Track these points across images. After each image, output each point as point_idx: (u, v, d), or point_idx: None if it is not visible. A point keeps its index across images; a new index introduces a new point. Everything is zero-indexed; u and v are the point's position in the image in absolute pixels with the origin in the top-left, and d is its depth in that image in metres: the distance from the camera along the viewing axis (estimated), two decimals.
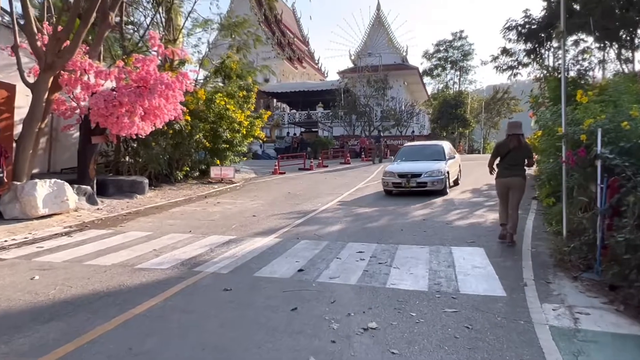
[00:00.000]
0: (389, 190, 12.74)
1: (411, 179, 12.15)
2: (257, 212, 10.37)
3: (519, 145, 6.94)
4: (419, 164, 12.91)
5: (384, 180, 12.76)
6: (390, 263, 5.86)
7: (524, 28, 19.57)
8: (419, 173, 12.26)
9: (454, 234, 7.71)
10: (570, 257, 5.68)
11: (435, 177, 12.11)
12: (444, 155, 13.43)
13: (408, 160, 13.63)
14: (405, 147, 15.69)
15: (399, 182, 12.32)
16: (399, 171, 12.61)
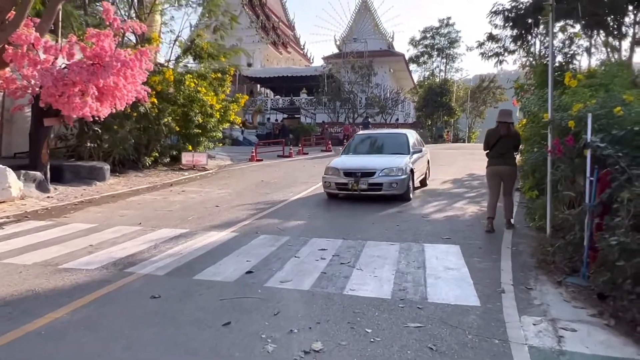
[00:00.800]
0: (332, 192, 9.80)
1: (361, 179, 9.15)
2: (221, 202, 9.63)
3: (509, 133, 6.77)
4: (373, 158, 10.09)
5: (325, 180, 9.76)
6: (354, 263, 5.19)
7: (510, 13, 18.91)
8: (371, 171, 9.27)
9: (429, 228, 7.07)
10: (554, 258, 5.07)
11: (394, 177, 9.14)
12: (408, 148, 10.36)
13: (360, 153, 10.83)
14: (359, 135, 12.32)
15: (345, 183, 9.32)
16: (345, 168, 9.54)
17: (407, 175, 9.31)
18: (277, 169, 16.74)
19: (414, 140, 11.26)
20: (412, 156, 10.09)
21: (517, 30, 20.54)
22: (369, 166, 9.47)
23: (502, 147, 6.83)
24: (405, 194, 9.32)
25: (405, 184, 9.23)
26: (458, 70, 49.23)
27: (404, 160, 9.67)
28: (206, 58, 16.08)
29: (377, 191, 9.17)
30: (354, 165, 9.68)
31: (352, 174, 9.35)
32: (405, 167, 9.42)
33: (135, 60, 9.84)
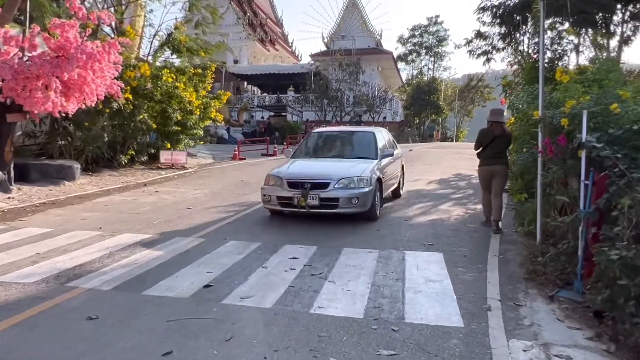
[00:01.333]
0: (273, 209, 7.54)
1: (310, 193, 6.88)
2: (195, 203, 9.08)
3: (504, 133, 6.71)
4: (330, 164, 7.90)
5: (264, 193, 7.45)
6: (326, 274, 4.71)
7: (498, 9, 18.56)
8: (325, 181, 7.01)
9: (411, 233, 6.61)
10: (545, 268, 4.63)
11: (355, 190, 6.94)
12: (376, 151, 8.18)
13: (315, 156, 8.64)
14: (316, 133, 9.75)
15: (289, 197, 7.03)
16: (290, 176, 7.28)
17: (373, 187, 7.12)
18: (259, 167, 16.17)
19: (385, 141, 9.16)
20: (380, 161, 8.01)
21: (505, 28, 20.22)
22: (322, 174, 7.22)
23: (496, 147, 6.72)
24: (370, 211, 7.17)
25: (370, 198, 7.05)
26: (446, 69, 49.17)
27: (369, 167, 7.47)
28: (184, 52, 15.45)
29: (331, 208, 6.97)
30: (302, 172, 7.45)
31: (298, 184, 7.02)
32: (371, 176, 7.23)
33: (103, 52, 9.24)
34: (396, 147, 9.96)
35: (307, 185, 6.97)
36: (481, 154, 6.94)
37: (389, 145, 9.33)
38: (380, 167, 7.84)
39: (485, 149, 6.83)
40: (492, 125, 6.79)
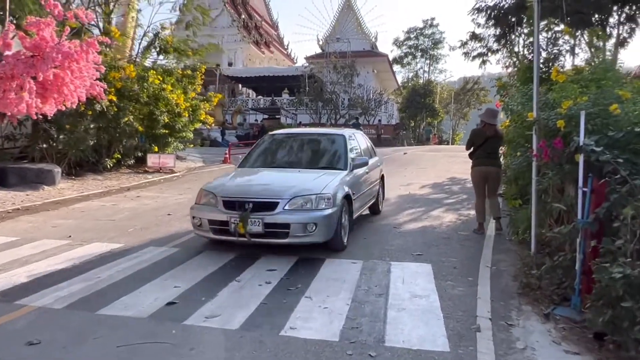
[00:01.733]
0: (205, 236, 5.79)
1: (253, 215, 5.18)
2: (177, 209, 8.71)
3: (496, 134, 6.57)
4: (283, 176, 6.22)
5: (194, 216, 5.76)
6: (304, 289, 4.34)
7: (493, 10, 18.28)
8: (271, 200, 5.35)
9: (400, 242, 6.25)
10: (540, 282, 4.28)
11: (313, 213, 5.26)
12: (345, 160, 6.50)
13: (267, 165, 6.83)
14: (272, 136, 7.71)
15: (223, 222, 5.33)
16: (227, 193, 5.58)
17: (338, 208, 5.41)
18: None
19: (359, 147, 7.46)
20: (352, 173, 6.35)
21: (500, 30, 19.96)
22: (270, 191, 5.49)
23: (489, 147, 6.59)
24: (334, 241, 5.45)
25: (333, 223, 5.31)
26: (442, 72, 48.84)
27: (335, 180, 5.77)
28: (172, 53, 15.07)
29: (279, 237, 5.19)
30: (243, 188, 5.76)
31: (236, 204, 5.25)
32: (335, 193, 5.51)
33: (81, 52, 8.86)
34: (374, 155, 8.31)
35: (248, 205, 5.19)
36: (473, 154, 6.78)
37: (365, 151, 7.68)
38: (350, 181, 6.20)
39: (477, 150, 6.67)
40: (484, 126, 6.58)
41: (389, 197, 9.98)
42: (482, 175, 6.64)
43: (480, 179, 6.70)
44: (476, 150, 6.67)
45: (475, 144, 6.69)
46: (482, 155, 6.61)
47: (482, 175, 6.65)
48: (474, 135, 6.80)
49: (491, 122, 6.53)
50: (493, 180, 6.62)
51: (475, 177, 6.79)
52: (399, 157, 20.54)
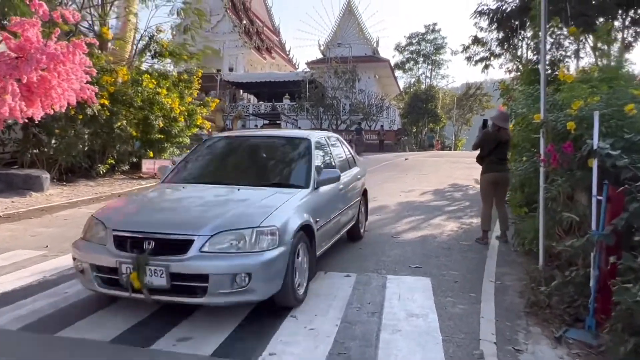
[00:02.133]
0: (90, 288, 3.81)
1: (153, 261, 3.37)
2: None
3: (507, 139, 6.25)
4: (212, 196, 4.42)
5: (75, 258, 3.81)
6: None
7: (496, 14, 17.95)
8: (181, 236, 3.54)
9: (397, 252, 5.86)
10: (550, 300, 3.89)
11: (247, 258, 3.48)
12: (308, 173, 4.76)
13: (200, 180, 4.96)
14: (213, 140, 5.90)
15: (111, 269, 3.52)
16: (120, 225, 3.75)
17: (288, 248, 3.73)
18: None
19: (330, 155, 5.61)
20: (316, 192, 4.61)
21: (502, 33, 19.63)
22: (182, 221, 3.81)
23: (500, 153, 6.25)
24: (282, 296, 3.76)
25: (279, 271, 3.64)
26: (444, 77, 48.55)
27: (287, 204, 4.07)
28: (167, 56, 14.77)
29: (193, 294, 3.46)
30: (145, 216, 4.04)
31: (129, 242, 3.57)
32: (285, 224, 3.80)
33: (67, 53, 8.54)
34: (354, 164, 6.55)
35: (147, 244, 3.44)
36: (484, 159, 6.38)
37: (341, 162, 5.90)
38: (314, 203, 4.45)
39: (489, 155, 6.28)
40: (498, 130, 6.19)
41: (388, 204, 9.61)
42: (492, 182, 6.30)
43: (490, 186, 6.35)
44: (489, 155, 6.30)
45: (487, 149, 6.33)
46: (494, 161, 6.25)
47: (492, 181, 6.31)
48: (485, 139, 6.38)
49: (504, 125, 6.18)
50: (503, 187, 6.29)
51: (485, 184, 6.44)
52: (400, 163, 20.19)
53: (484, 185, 6.45)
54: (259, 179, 4.84)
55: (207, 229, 3.52)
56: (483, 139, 6.33)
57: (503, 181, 6.30)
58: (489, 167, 6.29)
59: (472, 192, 11.67)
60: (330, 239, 5.12)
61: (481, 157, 6.40)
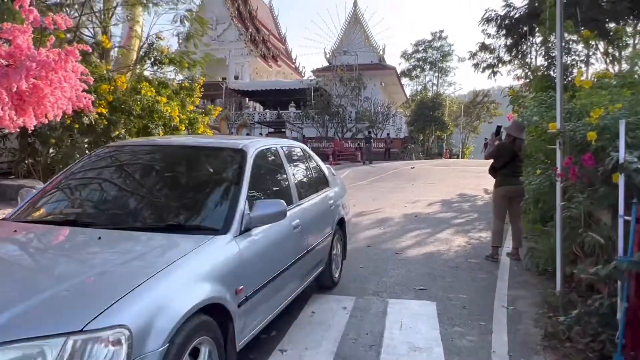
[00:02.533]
0: None
1: None
2: None
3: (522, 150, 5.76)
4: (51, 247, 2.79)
5: None
6: (279, 336, 3.57)
7: (504, 20, 17.56)
8: None
9: (401, 272, 5.45)
10: (570, 332, 3.46)
11: None
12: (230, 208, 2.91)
13: (61, 216, 3.24)
14: (107, 150, 3.98)
15: None
16: None
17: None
18: None
19: (289, 173, 4.03)
20: (245, 239, 2.88)
21: (511, 40, 19.24)
22: None
23: (515, 165, 5.83)
24: None
25: None
26: (451, 84, 48.10)
27: (178, 269, 2.30)
28: (167, 64, 14.49)
29: None
30: None
31: None
32: (156, 315, 2.00)
33: (60, 61, 8.26)
34: (325, 184, 4.92)
35: None
36: (498, 171, 6.01)
37: (300, 182, 4.26)
38: (236, 260, 2.73)
39: (504, 167, 5.92)
40: (513, 141, 5.83)
41: (393, 216, 9.21)
42: (507, 196, 5.93)
43: (504, 200, 5.98)
44: (504, 167, 5.92)
45: (501, 161, 5.95)
46: (509, 174, 5.85)
47: (507, 195, 5.93)
48: (501, 150, 5.99)
49: (520, 136, 5.78)
50: (518, 201, 5.87)
51: (498, 198, 6.06)
52: (406, 172, 19.78)
53: (497, 198, 6.06)
54: (147, 218, 3.08)
55: None
56: (498, 151, 5.95)
57: (518, 195, 5.87)
58: (504, 180, 5.92)
59: (481, 203, 11.23)
60: (272, 309, 3.30)
61: (494, 169, 6.01)
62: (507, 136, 5.96)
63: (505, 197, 5.97)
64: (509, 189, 5.89)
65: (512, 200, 5.96)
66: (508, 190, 5.91)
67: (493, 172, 6.12)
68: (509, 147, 5.85)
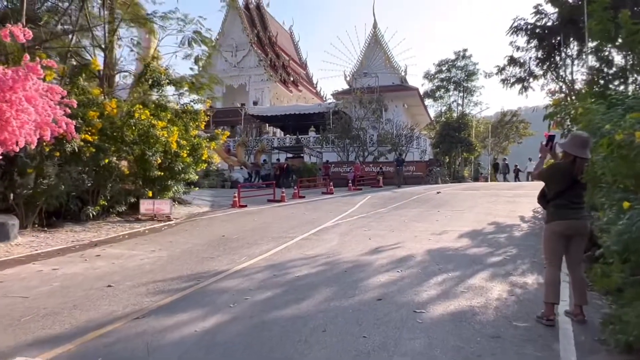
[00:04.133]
0: None
1: None
2: (129, 275, 6.65)
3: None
4: None
5: None
6: None
7: (535, 29, 16.02)
8: None
9: (418, 345, 3.90)
10: None
11: None
12: None
13: None
14: None
15: None
16: None
17: None
18: (255, 217, 13.76)
19: None
20: None
21: (542, 52, 17.64)
22: None
23: (576, 194, 4.42)
24: None
25: None
26: (477, 104, 46.10)
27: None
28: (166, 86, 13.45)
29: None
30: None
31: None
32: None
33: (19, 79, 7.16)
34: None
35: None
36: (552, 201, 4.50)
37: None
38: None
39: (560, 196, 4.42)
40: (573, 161, 4.31)
41: (415, 252, 7.71)
42: (565, 234, 4.43)
43: (560, 240, 4.46)
44: (560, 196, 4.41)
45: (556, 188, 4.44)
46: (566, 205, 4.38)
47: (565, 233, 4.43)
48: (555, 174, 4.49)
49: (583, 155, 4.26)
50: (579, 241, 4.42)
51: (552, 237, 4.52)
52: (431, 197, 18.11)
53: (550, 238, 4.50)
54: None
55: None
56: (551, 174, 4.41)
57: (580, 233, 4.41)
58: (559, 213, 4.39)
59: (519, 235, 9.55)
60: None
61: (545, 197, 4.46)
62: (563, 155, 4.41)
63: (562, 235, 4.41)
64: (567, 224, 4.36)
65: (571, 240, 4.42)
66: (566, 226, 4.37)
67: (543, 201, 4.57)
68: (567, 170, 4.31)
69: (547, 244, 4.57)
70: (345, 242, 9.08)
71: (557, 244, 4.47)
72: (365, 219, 12.46)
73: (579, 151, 4.26)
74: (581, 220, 4.38)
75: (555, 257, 4.51)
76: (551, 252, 4.50)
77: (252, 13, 51.07)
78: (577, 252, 4.52)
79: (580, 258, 4.58)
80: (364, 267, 6.97)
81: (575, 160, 4.26)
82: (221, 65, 49.02)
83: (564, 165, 4.34)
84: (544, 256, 4.64)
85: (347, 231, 10.46)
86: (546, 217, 4.56)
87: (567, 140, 4.45)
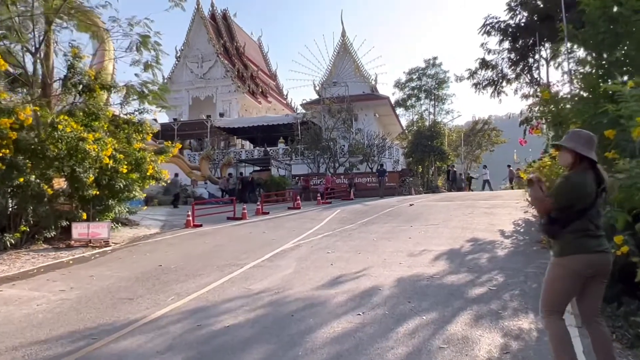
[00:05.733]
0: None
1: None
2: (11, 332, 5.04)
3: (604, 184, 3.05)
4: None
5: None
6: None
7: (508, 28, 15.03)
8: None
9: None
10: None
11: None
12: None
13: None
14: None
15: None
16: None
17: None
18: (207, 239, 12.16)
19: None
20: None
21: (515, 53, 16.68)
22: None
23: (595, 213, 3.10)
24: None
25: None
26: (448, 112, 45.47)
27: None
28: (98, 90, 11.73)
29: None
30: None
31: None
32: None
33: None
34: None
35: None
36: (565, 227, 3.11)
37: None
38: None
39: (582, 216, 3.06)
40: (589, 169, 3.06)
41: (382, 282, 6.32)
42: (584, 274, 3.09)
43: (577, 280, 3.12)
44: (578, 219, 3.06)
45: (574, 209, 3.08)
46: (586, 230, 3.06)
47: (584, 274, 3.09)
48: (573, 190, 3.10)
49: (592, 156, 3.00)
50: (601, 285, 3.15)
51: (566, 277, 3.14)
52: (404, 210, 16.79)
53: (566, 278, 3.13)
54: None
55: None
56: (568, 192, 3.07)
57: (603, 272, 3.12)
58: (577, 244, 3.06)
59: (502, 254, 8.27)
60: None
61: (554, 223, 3.10)
62: (574, 160, 3.07)
63: (581, 276, 3.05)
64: (588, 260, 3.05)
65: (590, 281, 3.08)
66: (587, 263, 3.05)
67: (550, 227, 3.20)
68: (585, 183, 2.97)
69: (558, 286, 3.19)
70: (302, 270, 7.61)
71: (572, 287, 3.12)
72: (330, 238, 11.02)
73: (590, 151, 2.96)
74: (606, 254, 3.05)
75: (562, 304, 3.17)
76: (560, 297, 3.15)
77: (218, 23, 49.65)
78: (597, 298, 3.20)
79: (599, 306, 3.24)
80: (317, 307, 5.52)
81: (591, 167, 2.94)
82: (187, 76, 47.33)
83: (580, 177, 2.98)
84: (543, 302, 3.25)
85: (306, 255, 9.00)
86: (556, 249, 3.20)
87: (571, 138, 3.10)
